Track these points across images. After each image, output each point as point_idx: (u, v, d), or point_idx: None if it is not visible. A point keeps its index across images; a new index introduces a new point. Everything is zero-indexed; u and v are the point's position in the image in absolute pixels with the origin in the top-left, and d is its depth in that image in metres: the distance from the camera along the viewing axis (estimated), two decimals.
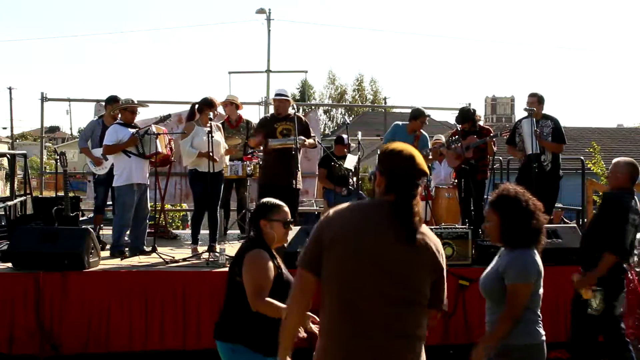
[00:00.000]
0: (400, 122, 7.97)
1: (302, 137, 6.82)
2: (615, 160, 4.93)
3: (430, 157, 7.75)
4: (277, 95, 7.03)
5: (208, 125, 6.59)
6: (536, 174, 6.91)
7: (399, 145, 2.67)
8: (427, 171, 2.68)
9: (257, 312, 3.36)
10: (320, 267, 2.54)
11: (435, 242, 2.60)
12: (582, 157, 10.07)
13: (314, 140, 7.16)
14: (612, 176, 4.79)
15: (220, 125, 7.32)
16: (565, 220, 10.15)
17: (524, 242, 3.33)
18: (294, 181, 6.77)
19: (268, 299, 3.35)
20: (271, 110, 7.88)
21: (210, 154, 6.54)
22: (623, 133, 30.90)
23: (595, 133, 27.83)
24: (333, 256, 2.52)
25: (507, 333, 3.27)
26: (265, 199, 3.69)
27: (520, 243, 3.34)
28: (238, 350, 3.43)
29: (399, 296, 2.51)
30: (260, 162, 7.47)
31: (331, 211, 2.64)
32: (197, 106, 7.02)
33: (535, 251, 3.36)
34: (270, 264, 3.44)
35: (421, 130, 7.83)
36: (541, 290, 3.39)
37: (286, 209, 3.63)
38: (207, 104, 6.91)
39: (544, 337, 3.37)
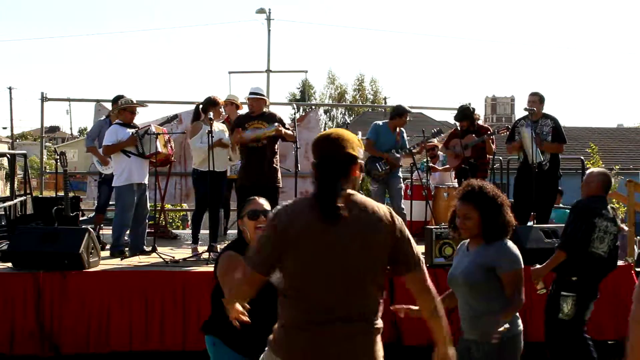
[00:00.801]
0: (379, 122, 7.96)
1: (276, 124, 6.64)
2: (589, 170, 5.15)
3: (415, 150, 7.70)
4: (251, 94, 6.88)
5: (209, 123, 6.57)
6: (535, 174, 6.91)
7: (321, 133, 2.73)
8: (353, 153, 2.60)
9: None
10: (272, 269, 2.57)
11: (375, 214, 2.55)
12: (582, 157, 10.07)
13: (292, 132, 6.90)
14: (586, 185, 4.95)
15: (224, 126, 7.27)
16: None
17: (503, 234, 3.47)
18: (271, 180, 6.70)
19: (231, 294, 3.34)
20: (271, 109, 7.86)
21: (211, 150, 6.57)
22: (623, 133, 30.90)
23: (595, 133, 27.83)
24: (287, 253, 2.54)
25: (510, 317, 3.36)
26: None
27: (499, 236, 3.45)
28: (217, 344, 3.51)
29: (343, 278, 2.50)
30: None
31: (275, 211, 2.64)
32: (201, 106, 7.06)
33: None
34: (237, 261, 3.38)
35: (401, 128, 7.81)
36: None
37: (260, 200, 3.57)
38: (211, 103, 6.96)
39: (521, 328, 3.48)
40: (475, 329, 3.44)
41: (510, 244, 3.47)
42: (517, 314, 3.47)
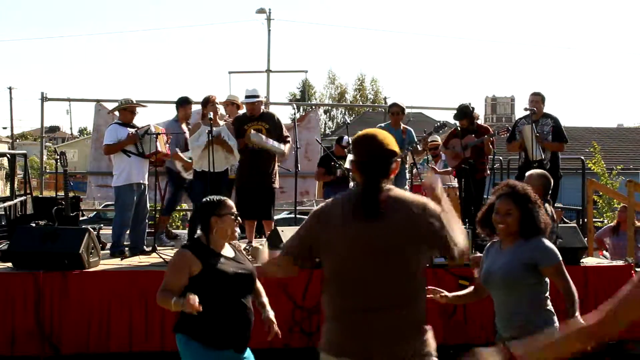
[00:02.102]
0: (382, 124, 8.05)
1: (283, 148, 6.81)
2: (528, 172, 5.17)
3: (420, 148, 7.69)
4: (247, 97, 6.85)
5: (209, 123, 6.55)
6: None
7: (363, 131, 2.79)
8: (394, 149, 2.72)
9: (204, 307, 3.41)
10: (305, 257, 2.72)
11: (411, 208, 2.61)
12: (582, 157, 10.07)
13: (287, 145, 6.94)
14: None
15: (230, 125, 7.18)
16: (565, 220, 10.14)
17: (540, 232, 3.54)
18: (269, 181, 6.76)
19: (162, 293, 3.49)
20: (271, 109, 7.87)
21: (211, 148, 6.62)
22: (623, 133, 30.91)
23: (595, 133, 27.81)
24: (324, 247, 2.66)
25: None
26: (209, 197, 3.74)
27: (537, 233, 3.53)
28: (188, 342, 3.56)
29: (385, 273, 2.58)
30: None
31: (320, 206, 2.78)
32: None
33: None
34: (186, 264, 3.51)
35: (406, 126, 7.81)
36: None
37: (230, 202, 3.68)
38: (202, 102, 7.13)
39: (557, 324, 3.56)
40: (512, 326, 3.50)
41: (546, 240, 3.55)
42: (552, 309, 3.58)
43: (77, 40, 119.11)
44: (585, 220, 8.18)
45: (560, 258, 3.53)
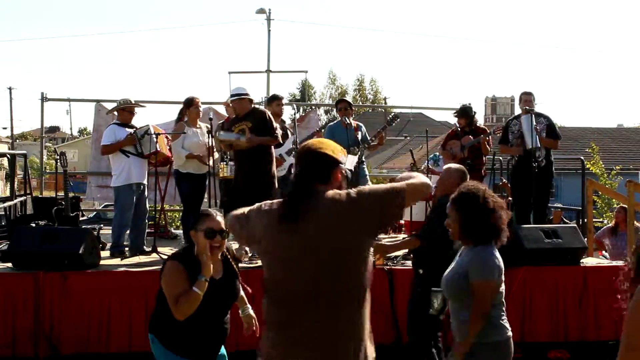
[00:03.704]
0: (331, 123, 7.94)
1: (246, 136, 6.40)
2: (445, 166, 5.11)
3: (375, 142, 7.55)
4: (232, 96, 6.66)
5: (191, 125, 6.64)
6: (530, 171, 6.96)
7: (302, 145, 2.80)
8: (333, 156, 2.63)
9: (170, 314, 3.38)
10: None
11: (336, 201, 2.53)
12: (582, 157, 10.07)
13: (277, 135, 6.64)
14: (443, 182, 4.83)
15: (209, 127, 7.11)
16: (565, 220, 10.15)
17: (483, 238, 3.36)
18: (264, 182, 6.52)
19: (182, 300, 3.34)
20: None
21: (201, 155, 6.76)
22: (623, 133, 30.91)
23: (595, 133, 27.82)
24: (262, 255, 2.69)
25: (479, 331, 3.28)
26: (204, 209, 3.69)
27: (480, 240, 3.36)
28: (155, 341, 3.54)
29: (313, 276, 2.49)
30: None
31: (251, 209, 2.69)
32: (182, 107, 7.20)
33: (495, 247, 3.38)
34: (181, 274, 3.39)
35: (358, 123, 7.68)
36: (503, 287, 3.41)
37: (217, 218, 3.48)
38: (185, 103, 7.13)
39: (510, 333, 3.39)
40: (455, 334, 3.43)
41: (489, 251, 3.35)
42: (505, 317, 3.38)
43: (77, 40, 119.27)
44: (585, 220, 8.19)
45: (492, 277, 3.30)
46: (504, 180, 8.27)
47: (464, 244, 3.47)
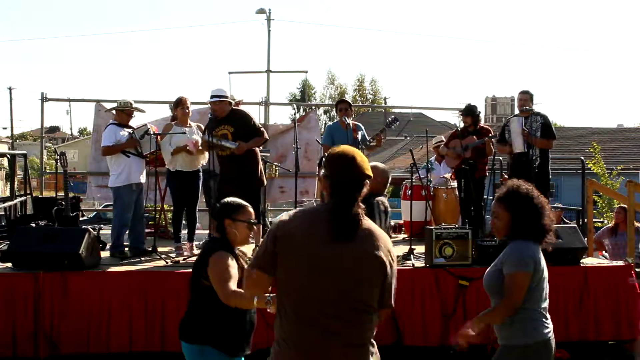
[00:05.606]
0: (330, 123, 7.96)
1: (237, 143, 6.45)
2: (373, 163, 5.08)
3: (373, 143, 7.58)
4: (212, 97, 6.60)
5: (180, 124, 6.62)
6: (525, 170, 6.98)
7: (340, 149, 2.72)
8: (369, 173, 2.68)
9: (223, 314, 3.37)
10: (275, 268, 2.60)
11: (379, 241, 2.59)
12: (582, 157, 10.07)
13: (264, 131, 6.71)
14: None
15: (200, 126, 7.13)
16: (565, 220, 10.15)
17: (532, 238, 3.35)
18: (252, 182, 6.59)
19: (237, 290, 3.30)
20: (271, 109, 7.84)
21: (187, 147, 6.74)
22: (623, 133, 30.89)
23: (595, 133, 27.80)
24: (285, 263, 2.57)
25: (500, 320, 3.30)
26: (229, 199, 3.67)
27: (524, 236, 3.35)
28: (207, 351, 3.45)
29: (343, 300, 2.52)
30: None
31: (284, 216, 2.70)
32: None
33: (538, 245, 3.36)
34: (233, 262, 3.42)
35: (355, 122, 7.69)
36: (546, 289, 3.36)
37: (250, 209, 3.63)
38: (174, 103, 7.14)
39: (548, 336, 3.32)
40: (498, 333, 3.41)
41: (528, 244, 3.32)
42: (543, 320, 3.34)
43: (77, 40, 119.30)
44: (585, 220, 8.19)
45: (526, 269, 3.26)
46: (506, 177, 8.29)
47: (509, 240, 3.42)
